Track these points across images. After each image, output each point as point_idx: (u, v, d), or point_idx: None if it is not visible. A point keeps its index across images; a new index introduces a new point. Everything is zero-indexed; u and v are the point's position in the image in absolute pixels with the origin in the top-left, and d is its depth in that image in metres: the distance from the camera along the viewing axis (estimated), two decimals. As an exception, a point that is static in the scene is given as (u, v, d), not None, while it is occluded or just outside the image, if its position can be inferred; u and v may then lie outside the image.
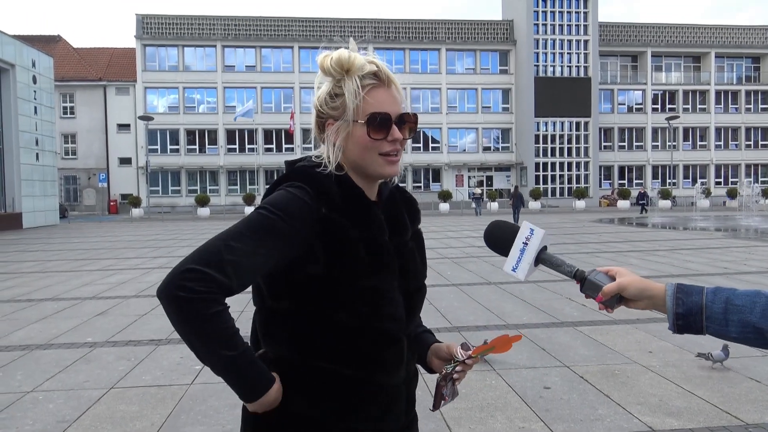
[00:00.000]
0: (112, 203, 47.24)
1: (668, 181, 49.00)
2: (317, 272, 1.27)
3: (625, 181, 51.56)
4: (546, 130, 49.36)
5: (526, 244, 1.31)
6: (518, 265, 1.31)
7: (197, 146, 48.75)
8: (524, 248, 1.31)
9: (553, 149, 49.56)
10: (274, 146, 48.72)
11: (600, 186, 50.58)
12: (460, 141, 51.46)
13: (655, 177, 51.77)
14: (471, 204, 40.41)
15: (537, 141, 49.12)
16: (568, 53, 49.19)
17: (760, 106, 53.08)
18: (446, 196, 41.95)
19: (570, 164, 49.82)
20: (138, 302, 8.19)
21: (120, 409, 4.19)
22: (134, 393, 4.52)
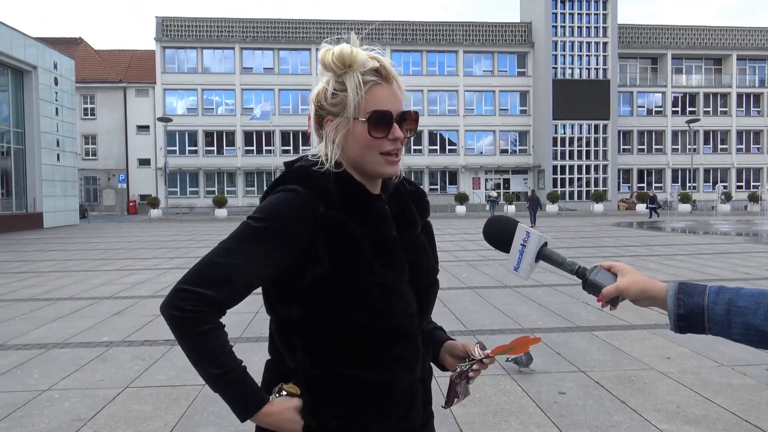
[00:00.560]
0: (131, 204, 47.83)
1: (688, 185, 48.36)
2: (323, 273, 1.25)
3: (645, 185, 50.96)
4: (564, 133, 48.99)
5: (524, 246, 1.31)
6: (519, 266, 1.32)
7: (215, 148, 49.15)
8: (523, 249, 1.31)
9: (571, 152, 49.18)
10: (292, 148, 48.88)
11: (618, 189, 50.09)
12: (477, 143, 51.29)
13: (675, 180, 51.15)
14: (486, 207, 40.22)
15: (555, 144, 48.77)
16: (587, 55, 48.78)
17: (783, 109, 52.35)
18: (463, 199, 41.84)
19: (588, 167, 49.40)
20: (154, 302, 8.25)
21: (134, 409, 4.21)
22: (148, 393, 4.55)
